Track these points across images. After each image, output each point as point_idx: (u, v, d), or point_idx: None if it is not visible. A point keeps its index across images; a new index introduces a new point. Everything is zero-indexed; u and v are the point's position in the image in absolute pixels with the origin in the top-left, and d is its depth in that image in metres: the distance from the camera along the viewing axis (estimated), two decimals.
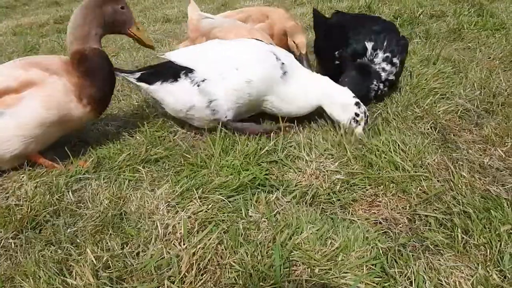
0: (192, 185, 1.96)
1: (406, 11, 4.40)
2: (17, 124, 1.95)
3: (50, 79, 2.01)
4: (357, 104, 2.23)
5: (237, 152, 2.16)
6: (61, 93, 2.02)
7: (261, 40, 2.49)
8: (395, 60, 2.60)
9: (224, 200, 1.87)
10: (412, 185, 1.88)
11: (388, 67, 2.59)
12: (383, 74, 2.58)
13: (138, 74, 2.41)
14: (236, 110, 2.27)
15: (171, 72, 2.33)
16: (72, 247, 1.69)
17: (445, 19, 4.12)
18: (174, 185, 2.00)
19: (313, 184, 1.95)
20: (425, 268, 1.48)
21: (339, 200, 1.86)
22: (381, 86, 2.58)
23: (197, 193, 1.89)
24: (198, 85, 2.23)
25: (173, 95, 2.30)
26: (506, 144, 2.14)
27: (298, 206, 1.82)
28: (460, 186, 1.84)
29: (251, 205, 1.85)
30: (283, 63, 2.25)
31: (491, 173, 1.94)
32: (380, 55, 2.59)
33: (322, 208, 1.83)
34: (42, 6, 7.31)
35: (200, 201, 1.86)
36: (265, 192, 1.92)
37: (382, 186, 1.90)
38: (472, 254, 1.51)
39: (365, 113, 2.24)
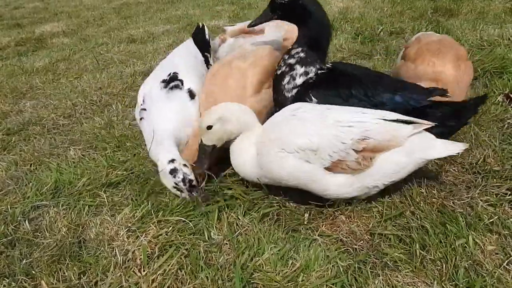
0: (152, 207, 1.94)
1: (367, 29, 4.52)
2: None
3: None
4: (172, 172, 1.95)
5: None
6: None
7: None
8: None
9: (185, 221, 1.85)
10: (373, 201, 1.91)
11: None
12: None
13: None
14: None
15: None
16: (27, 279, 1.64)
17: (404, 36, 4.24)
18: (134, 209, 1.96)
19: (275, 200, 1.96)
20: (383, 285, 1.49)
21: (302, 217, 1.87)
22: None
23: (157, 216, 1.87)
24: None
25: None
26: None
27: (260, 225, 1.82)
28: (418, 201, 1.88)
29: (213, 226, 1.83)
30: None
31: (447, 187, 1.99)
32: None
33: (285, 225, 1.83)
34: (3, 28, 7.11)
35: (160, 224, 1.84)
36: (228, 209, 1.91)
37: (344, 203, 1.92)
38: (429, 270, 1.54)
39: (183, 180, 1.94)
